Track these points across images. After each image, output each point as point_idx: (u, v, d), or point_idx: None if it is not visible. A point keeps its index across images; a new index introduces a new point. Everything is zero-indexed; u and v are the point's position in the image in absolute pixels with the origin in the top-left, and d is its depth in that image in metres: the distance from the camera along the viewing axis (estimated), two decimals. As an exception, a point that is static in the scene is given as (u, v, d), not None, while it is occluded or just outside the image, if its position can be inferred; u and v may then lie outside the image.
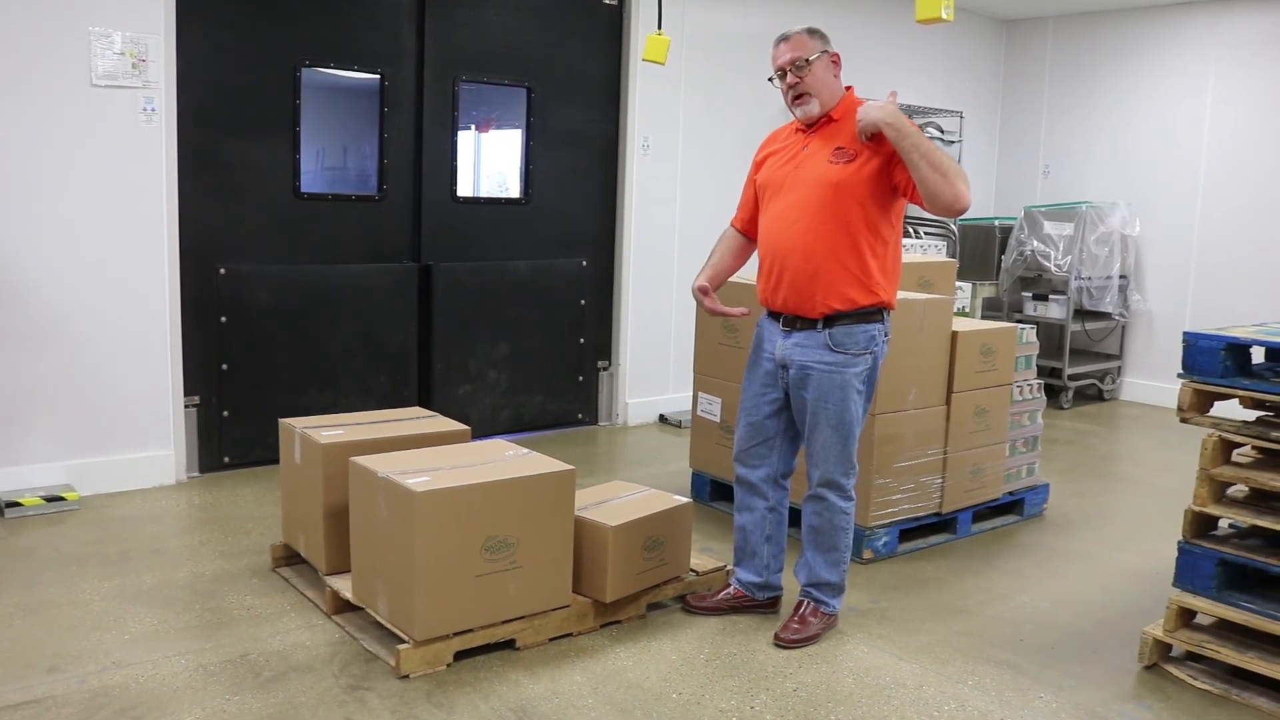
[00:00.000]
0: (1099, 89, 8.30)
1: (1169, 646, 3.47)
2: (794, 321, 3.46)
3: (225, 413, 5.27)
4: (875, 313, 3.43)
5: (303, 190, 5.42)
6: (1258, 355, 3.36)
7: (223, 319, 5.20)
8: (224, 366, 5.23)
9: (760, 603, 3.76)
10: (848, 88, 3.55)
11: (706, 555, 4.13)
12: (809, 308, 3.41)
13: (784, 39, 3.50)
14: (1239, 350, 3.27)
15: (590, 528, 3.54)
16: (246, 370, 5.29)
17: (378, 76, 5.61)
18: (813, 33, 3.49)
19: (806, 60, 3.43)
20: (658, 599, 3.79)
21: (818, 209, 3.36)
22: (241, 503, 4.85)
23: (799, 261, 3.39)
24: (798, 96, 3.48)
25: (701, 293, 3.63)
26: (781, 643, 3.52)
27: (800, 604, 3.63)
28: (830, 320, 3.39)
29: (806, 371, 3.44)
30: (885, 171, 3.35)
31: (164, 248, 4.91)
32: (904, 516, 4.48)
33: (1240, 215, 7.52)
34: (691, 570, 3.91)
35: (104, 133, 4.70)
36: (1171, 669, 3.42)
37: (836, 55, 3.50)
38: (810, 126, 3.51)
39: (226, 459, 5.30)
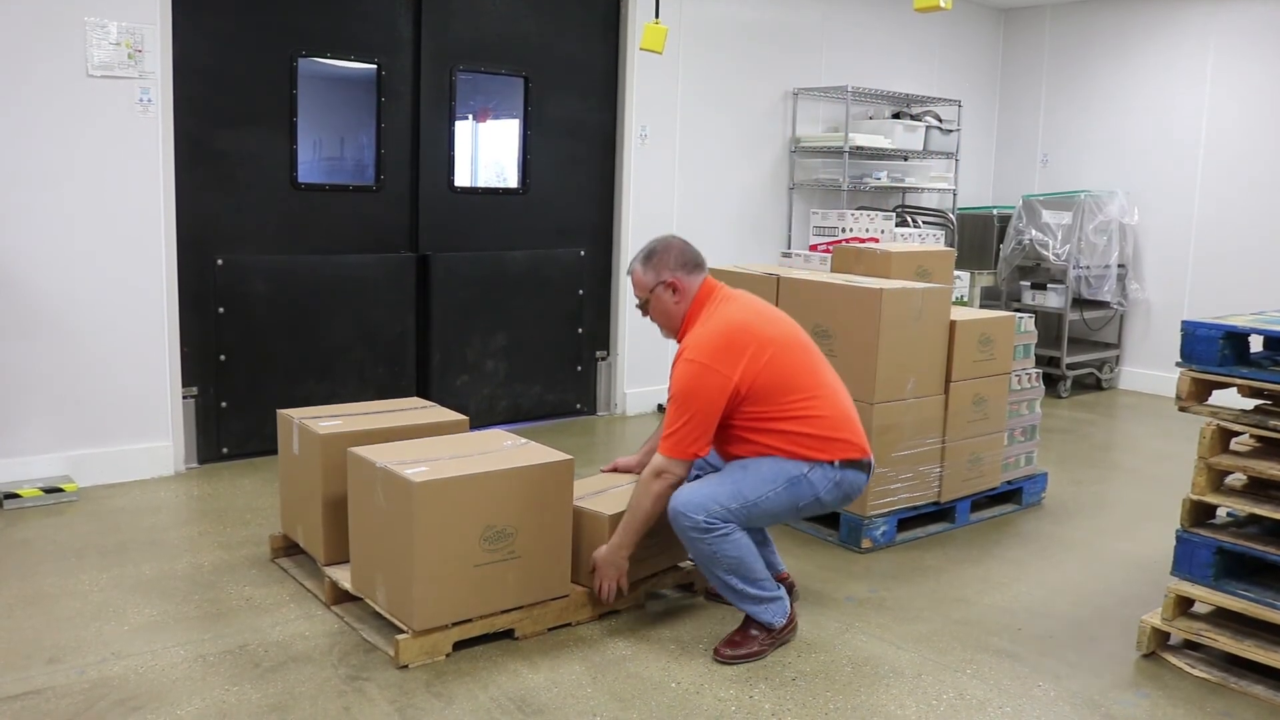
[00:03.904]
0: (1097, 78, 8.29)
1: (1167, 635, 3.47)
2: None
3: (223, 404, 5.26)
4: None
5: (300, 181, 5.41)
6: (1256, 344, 3.36)
7: (220, 310, 5.20)
8: (222, 357, 5.23)
9: None
10: (705, 284, 3.49)
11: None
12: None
13: (630, 272, 3.55)
14: (1237, 339, 3.27)
15: (588, 517, 3.55)
16: (244, 361, 5.29)
17: (374, 66, 5.60)
18: (647, 261, 3.49)
19: (644, 301, 3.53)
20: (656, 588, 3.79)
21: None
22: (240, 494, 4.85)
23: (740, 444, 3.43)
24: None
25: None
26: (719, 658, 3.36)
27: (745, 617, 3.48)
28: None
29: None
30: None
31: (161, 238, 4.91)
32: (902, 506, 4.49)
33: (1238, 204, 7.52)
34: (689, 559, 3.91)
35: (100, 123, 4.69)
36: (1169, 657, 3.43)
37: (673, 280, 3.45)
38: None
39: (225, 450, 5.30)
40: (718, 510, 3.26)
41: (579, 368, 6.58)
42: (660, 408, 6.82)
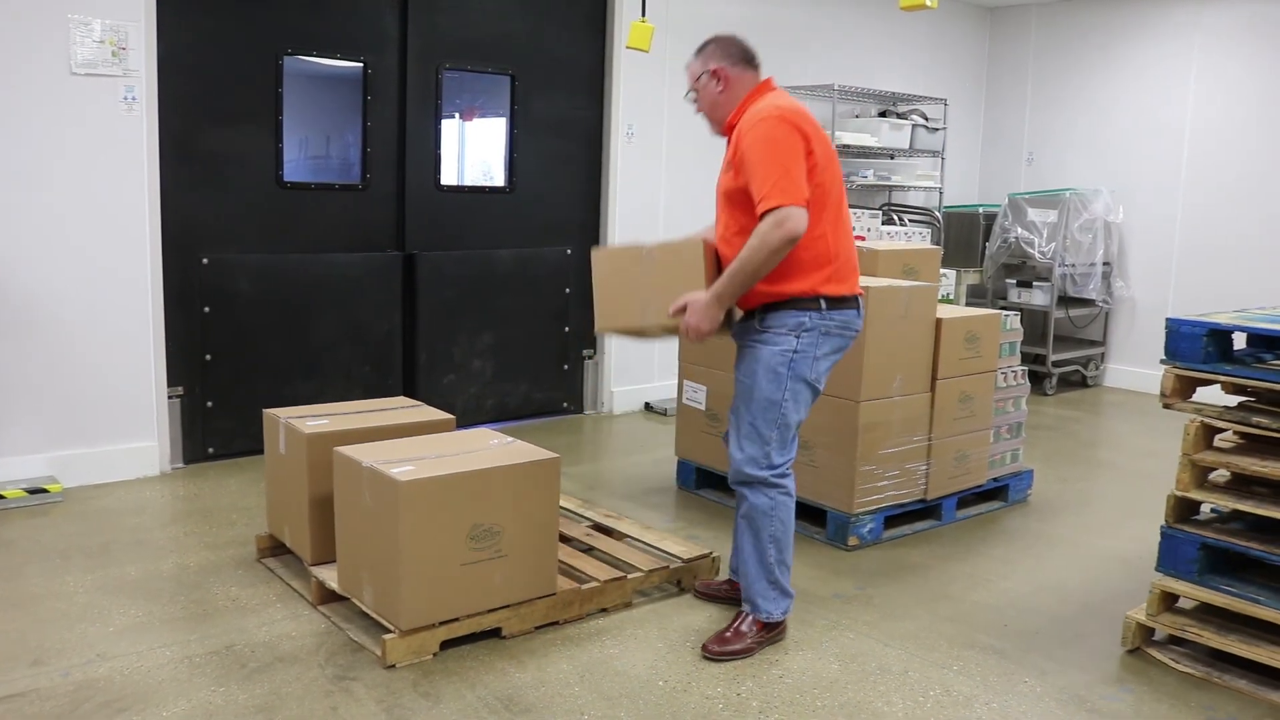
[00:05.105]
0: (1082, 76, 8.32)
1: (1151, 630, 3.49)
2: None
3: (209, 403, 5.25)
4: (804, 300, 3.32)
5: (286, 179, 5.40)
6: (1239, 341, 3.37)
7: (206, 309, 5.18)
8: (207, 357, 5.21)
9: None
10: (764, 81, 3.44)
11: (692, 543, 4.13)
12: (741, 302, 3.40)
13: (686, 67, 3.54)
14: (1221, 336, 3.29)
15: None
16: (230, 360, 5.27)
17: (361, 65, 5.58)
18: (699, 53, 3.47)
19: (694, 89, 3.48)
20: (643, 586, 3.80)
21: (723, 215, 3.38)
22: (226, 494, 4.83)
23: (724, 263, 3.37)
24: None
25: None
26: (707, 654, 3.36)
27: (738, 613, 3.50)
28: (763, 309, 3.36)
29: (739, 349, 3.46)
30: None
31: (146, 237, 4.89)
32: (889, 503, 4.49)
33: (1222, 202, 7.56)
34: (676, 557, 3.92)
35: (84, 122, 4.66)
36: (1154, 652, 3.45)
37: (717, 69, 3.41)
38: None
39: (210, 450, 5.29)
40: (770, 449, 3.32)
41: (565, 366, 6.58)
42: (647, 406, 6.82)
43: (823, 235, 3.31)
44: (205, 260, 5.15)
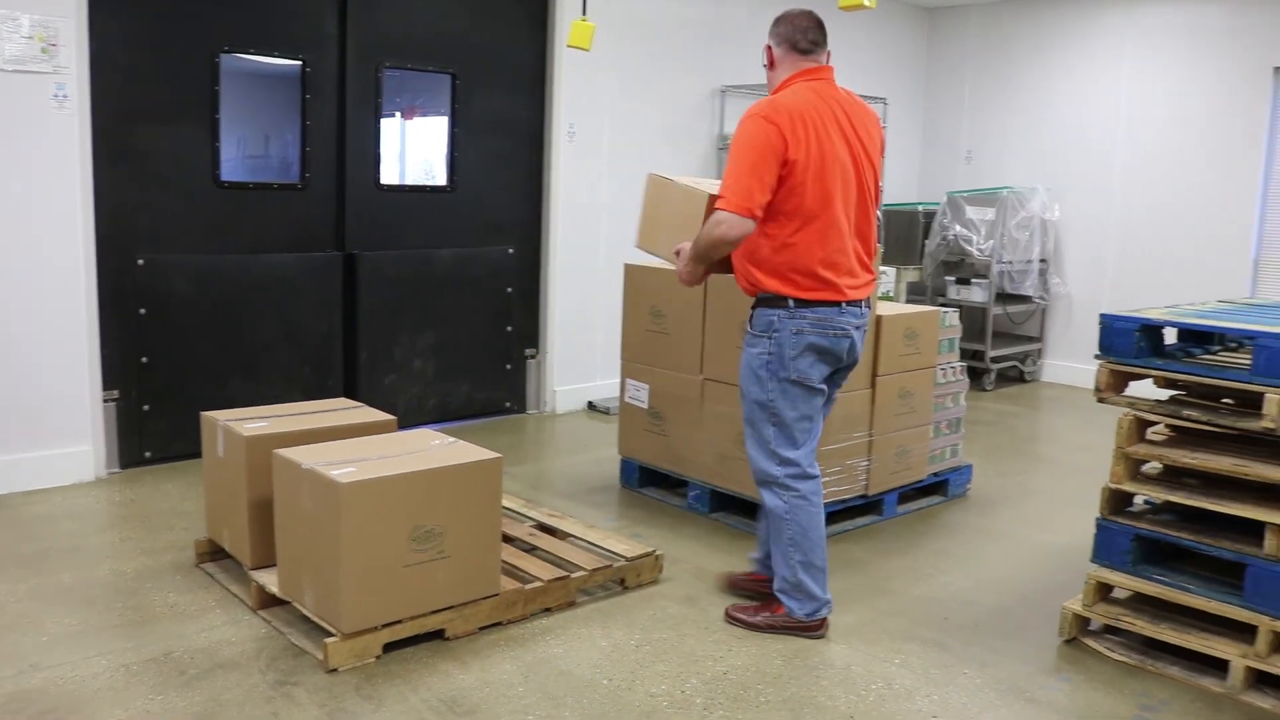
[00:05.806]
0: (1020, 76, 8.45)
1: (1088, 620, 3.56)
2: None
3: (146, 406, 5.16)
4: (775, 299, 3.38)
5: (223, 179, 5.32)
6: (1170, 336, 3.45)
7: (142, 311, 5.09)
8: (144, 359, 5.12)
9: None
10: (804, 70, 3.52)
11: (635, 541, 4.14)
12: (744, 288, 3.53)
13: None
14: (1152, 331, 3.36)
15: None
16: (167, 363, 5.18)
17: (299, 63, 5.51)
18: (774, 23, 3.62)
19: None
20: (587, 586, 3.79)
21: None
22: (164, 498, 4.76)
23: None
24: None
25: None
26: (727, 615, 3.64)
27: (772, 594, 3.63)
28: (753, 303, 3.48)
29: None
30: None
31: (79, 238, 4.78)
32: (830, 499, 4.52)
33: (1155, 201, 7.72)
34: (619, 555, 3.92)
35: (12, 120, 4.55)
36: (1090, 642, 3.52)
37: (768, 46, 3.58)
38: None
39: (148, 454, 5.19)
40: (771, 445, 3.43)
41: (508, 366, 6.55)
42: (590, 405, 6.82)
43: (790, 245, 3.33)
44: (141, 261, 5.06)
